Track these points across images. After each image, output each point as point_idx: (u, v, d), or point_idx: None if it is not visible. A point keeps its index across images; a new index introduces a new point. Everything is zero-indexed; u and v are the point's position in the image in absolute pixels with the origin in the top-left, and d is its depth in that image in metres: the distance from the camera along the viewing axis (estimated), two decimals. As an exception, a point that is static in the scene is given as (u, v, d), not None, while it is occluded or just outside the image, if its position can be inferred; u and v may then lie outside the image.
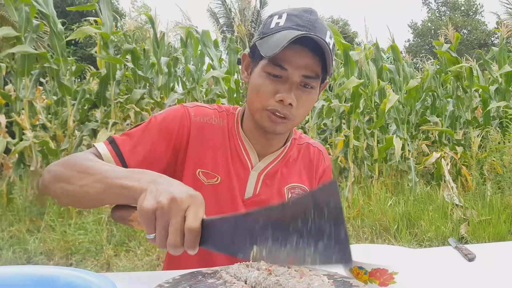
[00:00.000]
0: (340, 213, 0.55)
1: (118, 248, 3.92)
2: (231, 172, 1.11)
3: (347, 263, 0.54)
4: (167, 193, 0.68)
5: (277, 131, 1.07)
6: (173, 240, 0.66)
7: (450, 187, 5.21)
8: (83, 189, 0.83)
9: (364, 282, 0.73)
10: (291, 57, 0.99)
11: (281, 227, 0.59)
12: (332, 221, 0.55)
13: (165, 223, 0.67)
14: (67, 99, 5.27)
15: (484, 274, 0.97)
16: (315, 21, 1.01)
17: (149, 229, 0.68)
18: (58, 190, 0.88)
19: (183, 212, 0.67)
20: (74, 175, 0.86)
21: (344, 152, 6.03)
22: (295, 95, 1.01)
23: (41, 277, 0.73)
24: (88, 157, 0.93)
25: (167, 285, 0.70)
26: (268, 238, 0.60)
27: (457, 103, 6.50)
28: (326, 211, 0.55)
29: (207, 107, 1.18)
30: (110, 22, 5.28)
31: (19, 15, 4.97)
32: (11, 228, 4.26)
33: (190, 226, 0.66)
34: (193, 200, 0.68)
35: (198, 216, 0.67)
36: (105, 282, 0.69)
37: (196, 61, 6.28)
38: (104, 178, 0.80)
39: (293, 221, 0.58)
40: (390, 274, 0.71)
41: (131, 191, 0.74)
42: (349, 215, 4.78)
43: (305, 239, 0.57)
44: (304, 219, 0.57)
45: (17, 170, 5.18)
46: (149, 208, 0.67)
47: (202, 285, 0.71)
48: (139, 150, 1.03)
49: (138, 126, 1.09)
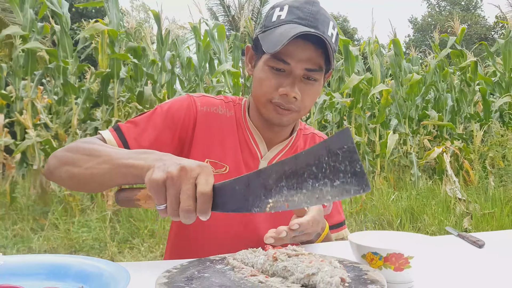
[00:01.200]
0: (355, 153, 0.55)
1: (122, 245, 3.92)
2: (240, 161, 1.12)
3: (366, 190, 0.55)
4: (176, 164, 0.69)
5: (284, 123, 1.08)
6: (186, 206, 0.67)
7: (452, 181, 5.20)
8: (88, 171, 0.83)
9: (378, 267, 0.73)
10: (293, 51, 0.99)
11: (296, 176, 0.60)
12: (347, 161, 0.55)
13: (176, 191, 0.68)
14: (72, 98, 5.27)
15: (495, 260, 0.97)
16: (317, 12, 1.01)
17: (160, 199, 0.69)
18: (64, 174, 0.88)
19: (193, 179, 0.68)
20: (79, 158, 0.86)
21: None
22: (298, 88, 1.02)
23: (54, 265, 0.74)
24: (93, 141, 0.94)
25: (175, 270, 0.70)
26: (283, 188, 0.61)
27: (460, 97, 6.48)
28: (340, 154, 0.56)
29: (213, 97, 1.18)
30: (117, 19, 5.30)
31: (24, 16, 4.98)
32: (15, 226, 4.27)
33: (203, 191, 0.67)
34: (202, 168, 0.69)
35: (209, 181, 0.68)
36: (117, 269, 0.69)
37: (200, 57, 6.27)
38: (110, 159, 0.80)
39: (307, 168, 0.58)
40: (405, 258, 0.71)
41: (137, 169, 0.74)
42: (352, 210, 4.78)
43: (320, 181, 0.57)
44: (318, 165, 0.58)
45: (20, 169, 5.19)
46: (159, 179, 0.68)
47: (210, 270, 0.71)
48: (144, 137, 1.03)
49: (143, 114, 1.09)
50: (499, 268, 0.90)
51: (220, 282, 0.65)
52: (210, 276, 0.68)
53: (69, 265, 0.74)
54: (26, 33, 4.85)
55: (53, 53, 5.01)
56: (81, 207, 4.63)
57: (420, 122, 6.71)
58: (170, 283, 0.63)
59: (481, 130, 6.13)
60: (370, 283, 0.62)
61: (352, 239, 0.78)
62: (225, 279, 0.66)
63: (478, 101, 6.83)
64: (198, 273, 0.69)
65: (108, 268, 0.70)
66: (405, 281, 0.75)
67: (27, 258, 0.76)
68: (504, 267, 0.91)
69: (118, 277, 0.66)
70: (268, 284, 0.63)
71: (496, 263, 0.95)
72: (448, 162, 5.43)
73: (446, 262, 0.92)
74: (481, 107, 6.81)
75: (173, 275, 0.67)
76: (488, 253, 1.02)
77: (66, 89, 5.21)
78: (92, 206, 4.68)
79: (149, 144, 1.03)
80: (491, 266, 0.93)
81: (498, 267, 0.91)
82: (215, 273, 0.70)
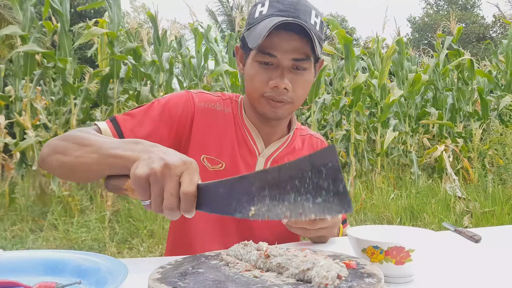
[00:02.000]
0: (339, 172, 0.55)
1: (121, 246, 3.91)
2: (238, 158, 1.11)
3: (348, 211, 0.54)
4: (160, 159, 0.68)
5: (279, 116, 1.08)
6: (169, 204, 0.66)
7: (452, 180, 5.20)
8: (78, 159, 0.82)
9: (379, 261, 0.72)
10: (278, 43, 1.00)
11: (278, 187, 0.59)
12: (331, 179, 0.55)
13: (160, 189, 0.67)
14: (71, 98, 5.26)
15: (492, 254, 0.98)
16: (297, 3, 1.01)
17: (144, 195, 0.68)
18: (54, 162, 0.88)
19: (177, 177, 0.67)
20: (70, 146, 0.85)
21: (345, 146, 6.02)
22: (288, 79, 1.02)
23: (51, 261, 0.73)
24: (87, 130, 0.93)
25: (169, 266, 0.69)
26: (265, 197, 0.60)
27: (458, 96, 6.49)
28: (324, 171, 0.55)
29: (211, 94, 1.18)
30: (118, 19, 5.29)
31: (24, 15, 4.97)
32: (14, 227, 4.26)
33: (186, 191, 0.66)
34: (186, 166, 0.68)
35: (193, 181, 0.67)
36: (115, 263, 0.69)
37: (199, 58, 6.28)
38: (99, 148, 0.79)
39: (290, 181, 0.58)
40: (407, 252, 0.70)
41: (124, 160, 0.73)
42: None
43: (303, 196, 0.57)
44: (301, 179, 0.57)
45: (19, 170, 5.17)
46: (142, 175, 0.67)
47: (205, 266, 0.70)
48: (139, 130, 1.03)
49: (140, 107, 1.09)
50: (495, 262, 0.91)
51: (214, 277, 0.64)
52: (204, 271, 0.67)
53: (66, 260, 0.73)
54: (25, 34, 4.83)
55: (51, 54, 5.00)
56: (80, 207, 4.62)
57: (419, 120, 6.71)
58: (163, 279, 0.62)
59: (480, 128, 6.13)
60: (367, 277, 0.62)
61: (352, 234, 0.78)
62: (219, 274, 0.66)
63: (477, 99, 6.83)
64: (192, 268, 0.69)
65: (106, 263, 0.70)
66: (406, 274, 0.74)
67: (24, 254, 0.76)
68: (500, 260, 0.92)
69: (116, 271, 0.65)
70: (263, 279, 0.62)
71: (492, 257, 0.95)
72: (447, 161, 5.43)
73: (444, 257, 0.93)
74: (479, 106, 6.83)
75: (167, 270, 0.66)
76: (484, 248, 1.03)
77: (65, 89, 5.20)
78: (91, 206, 4.67)
79: (145, 137, 1.01)
80: (487, 260, 0.93)
81: (494, 261, 0.92)
82: (210, 269, 0.69)
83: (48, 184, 4.92)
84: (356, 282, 0.59)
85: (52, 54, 5.01)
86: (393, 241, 0.71)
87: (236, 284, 0.60)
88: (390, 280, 0.75)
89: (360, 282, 0.59)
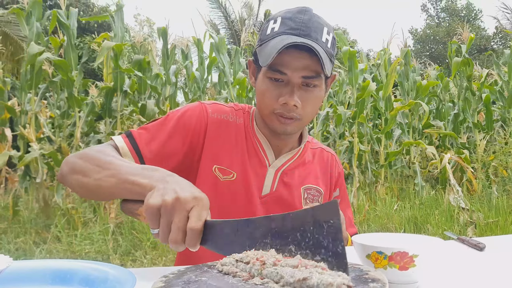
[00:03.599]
0: (339, 232, 0.56)
1: (125, 258, 3.91)
2: (248, 169, 1.12)
3: (345, 273, 0.55)
4: (173, 192, 0.70)
5: (288, 132, 1.09)
6: (174, 238, 0.69)
7: (455, 191, 5.19)
8: (97, 182, 0.85)
9: (383, 267, 0.73)
10: (288, 61, 1.00)
11: (280, 237, 0.61)
12: (331, 238, 0.56)
13: (168, 220, 0.69)
14: (76, 111, 5.30)
15: (496, 262, 0.98)
16: (309, 20, 1.02)
17: (153, 224, 0.71)
18: (74, 182, 0.91)
19: (186, 212, 0.69)
20: (90, 168, 0.88)
21: (348, 157, 6.02)
22: (298, 96, 1.03)
23: (60, 270, 0.74)
24: (105, 150, 0.95)
25: (172, 275, 0.69)
26: (267, 245, 0.62)
27: (464, 106, 6.50)
28: (325, 228, 0.56)
29: (224, 105, 1.19)
30: (122, 33, 5.35)
31: (30, 30, 5.03)
32: (17, 240, 4.25)
33: (192, 227, 0.68)
34: (197, 201, 0.70)
35: (201, 217, 0.69)
36: (123, 273, 0.69)
37: (202, 71, 6.33)
38: (118, 173, 0.82)
39: (292, 232, 0.59)
40: (410, 257, 0.71)
41: (141, 187, 0.76)
42: (355, 220, 4.76)
43: (303, 251, 0.58)
44: (303, 232, 0.58)
45: (23, 182, 5.19)
46: (154, 205, 0.70)
47: (208, 275, 0.70)
48: (155, 143, 1.05)
49: (155, 120, 1.11)
50: (499, 270, 0.91)
51: (218, 284, 0.64)
52: (207, 279, 0.67)
53: (74, 269, 0.74)
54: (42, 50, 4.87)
55: (62, 64, 5.03)
56: (84, 219, 4.62)
57: (423, 131, 6.72)
58: (167, 287, 0.62)
59: (484, 139, 6.13)
60: (371, 282, 0.62)
61: (356, 240, 0.78)
62: (223, 282, 0.65)
63: (481, 110, 6.84)
64: (196, 277, 0.68)
65: (114, 272, 0.70)
66: (410, 281, 0.75)
67: (33, 263, 0.77)
68: (504, 268, 0.92)
69: (124, 280, 0.66)
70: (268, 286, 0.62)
71: (497, 265, 0.96)
72: (451, 172, 5.42)
73: (448, 263, 0.93)
74: (483, 117, 6.83)
75: (170, 279, 0.66)
76: (489, 256, 1.03)
77: (70, 102, 5.24)
78: (94, 218, 4.67)
79: (159, 149, 1.04)
80: (491, 267, 0.94)
81: (498, 269, 0.92)
82: (213, 277, 0.69)
83: (52, 196, 4.92)
84: (360, 287, 0.59)
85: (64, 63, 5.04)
86: (397, 246, 0.72)
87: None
88: (395, 286, 0.75)
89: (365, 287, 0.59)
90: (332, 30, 1.07)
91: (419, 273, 0.74)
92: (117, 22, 5.40)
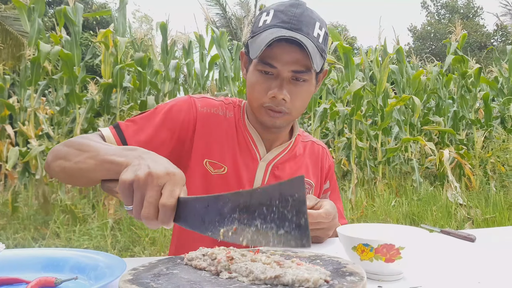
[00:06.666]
0: (303, 205, 0.56)
1: (123, 254, 3.92)
2: (239, 162, 1.13)
3: (306, 247, 0.56)
4: (146, 167, 0.69)
5: (277, 125, 1.09)
6: (146, 213, 0.67)
7: (453, 187, 5.20)
8: (77, 165, 0.85)
9: (369, 259, 0.73)
10: (279, 55, 1.00)
11: (248, 212, 0.61)
12: (295, 211, 0.56)
13: (141, 196, 0.68)
14: (76, 107, 5.31)
15: (484, 253, 0.99)
16: (301, 14, 1.02)
17: (127, 200, 0.70)
18: (57, 167, 0.91)
19: (158, 187, 0.67)
20: (71, 152, 0.88)
21: (347, 154, 6.03)
22: (287, 90, 1.03)
23: (51, 258, 0.75)
24: (89, 136, 0.96)
25: (142, 268, 0.68)
26: (234, 220, 0.62)
27: (461, 103, 6.50)
28: (290, 201, 0.57)
29: (213, 99, 1.20)
30: (123, 29, 5.35)
31: (32, 26, 5.02)
32: (16, 235, 4.27)
33: (164, 203, 0.66)
34: (170, 177, 0.69)
35: (173, 194, 0.68)
36: (113, 259, 0.71)
37: (203, 67, 6.34)
38: (97, 154, 0.81)
39: (259, 207, 0.60)
40: (396, 249, 0.71)
41: (118, 165, 0.75)
42: (353, 216, 4.77)
43: (268, 224, 0.58)
44: (269, 206, 0.59)
45: (22, 179, 5.20)
46: (126, 180, 0.68)
47: (179, 268, 0.69)
48: (142, 135, 1.05)
49: (143, 113, 1.11)
50: (487, 260, 0.92)
51: (189, 277, 0.63)
52: (179, 272, 0.66)
53: (66, 258, 0.75)
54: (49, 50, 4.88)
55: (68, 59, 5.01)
56: (82, 215, 4.64)
57: (422, 128, 6.72)
58: (135, 280, 0.61)
59: (482, 136, 6.14)
60: (348, 275, 0.62)
61: (342, 231, 0.78)
62: (195, 275, 0.65)
63: (479, 107, 6.85)
64: (167, 270, 0.68)
65: (104, 259, 0.72)
66: (396, 272, 0.75)
67: (25, 252, 0.78)
68: (494, 259, 0.93)
69: (114, 266, 0.67)
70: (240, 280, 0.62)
71: (484, 255, 0.96)
72: (449, 168, 5.43)
73: (434, 255, 0.93)
74: (482, 113, 6.83)
75: (140, 272, 0.65)
76: (477, 247, 1.03)
77: (70, 99, 5.24)
78: (93, 214, 4.68)
79: (146, 141, 1.04)
80: (479, 258, 0.94)
81: (486, 260, 0.93)
82: (185, 270, 0.68)
83: (51, 193, 4.94)
84: (337, 280, 0.59)
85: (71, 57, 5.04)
86: (383, 239, 0.72)
87: (212, 285, 0.60)
88: (380, 278, 0.75)
89: (342, 281, 0.59)
90: (325, 25, 1.06)
91: (405, 265, 0.74)
92: (119, 18, 5.40)
